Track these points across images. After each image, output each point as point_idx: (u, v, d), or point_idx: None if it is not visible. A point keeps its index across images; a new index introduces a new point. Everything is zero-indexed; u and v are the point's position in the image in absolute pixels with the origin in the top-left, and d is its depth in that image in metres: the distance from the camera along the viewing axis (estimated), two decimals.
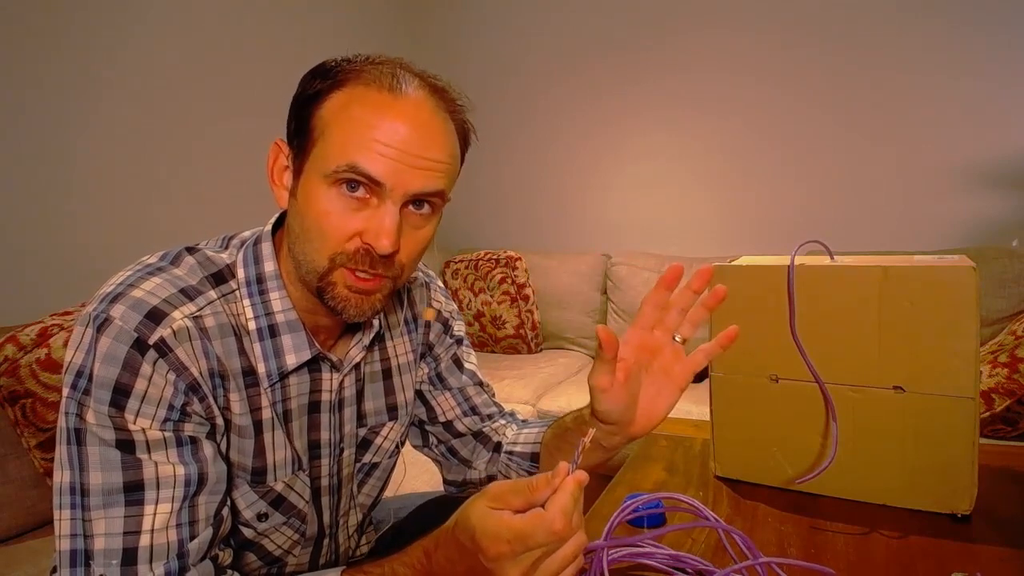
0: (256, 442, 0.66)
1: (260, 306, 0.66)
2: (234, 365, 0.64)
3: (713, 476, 0.87)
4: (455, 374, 0.88)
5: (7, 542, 1.29)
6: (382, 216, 0.60)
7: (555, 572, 0.50)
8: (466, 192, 3.05)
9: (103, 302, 0.58)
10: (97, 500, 0.55)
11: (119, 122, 1.87)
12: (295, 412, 0.70)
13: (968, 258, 0.73)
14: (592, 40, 2.72)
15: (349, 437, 0.76)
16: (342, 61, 0.63)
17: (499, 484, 0.53)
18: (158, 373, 0.57)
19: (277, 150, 0.66)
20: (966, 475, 0.72)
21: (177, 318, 0.59)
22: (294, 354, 0.67)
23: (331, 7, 2.62)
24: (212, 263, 0.66)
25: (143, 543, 0.55)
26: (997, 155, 2.08)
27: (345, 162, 0.58)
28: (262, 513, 0.69)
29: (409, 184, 0.60)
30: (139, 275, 0.60)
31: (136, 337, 0.56)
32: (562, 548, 0.50)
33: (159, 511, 0.56)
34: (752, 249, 2.05)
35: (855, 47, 2.24)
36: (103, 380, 0.55)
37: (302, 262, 0.63)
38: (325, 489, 0.76)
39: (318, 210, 0.60)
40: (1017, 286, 1.86)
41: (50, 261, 1.70)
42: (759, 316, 0.79)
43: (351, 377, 0.75)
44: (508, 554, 0.49)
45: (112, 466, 0.55)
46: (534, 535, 0.49)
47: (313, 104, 0.61)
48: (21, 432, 1.31)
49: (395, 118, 0.59)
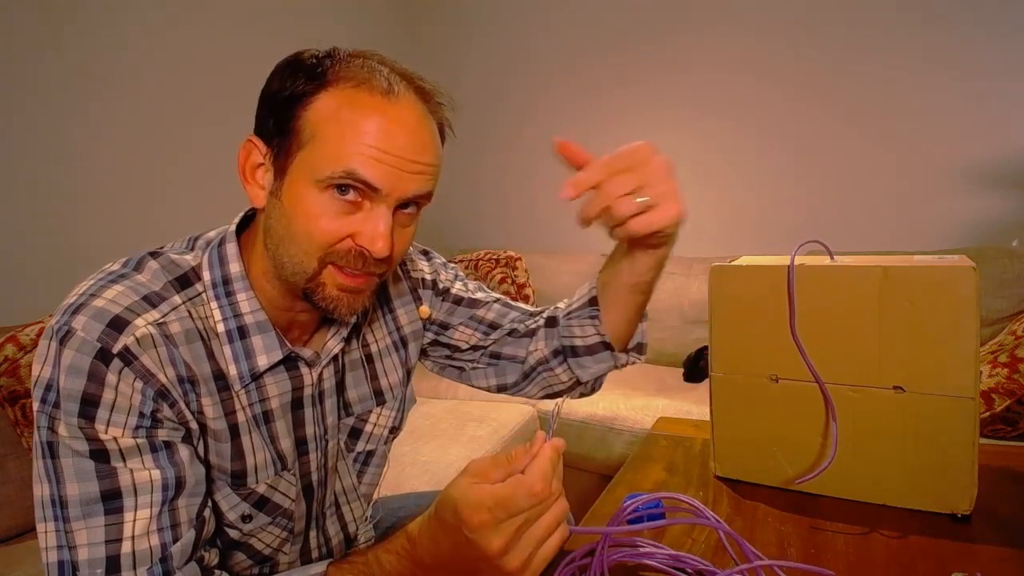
0: (233, 446, 0.66)
1: (228, 308, 0.65)
2: (204, 370, 0.63)
3: (713, 476, 0.87)
4: (456, 312, 0.86)
5: (7, 542, 1.29)
6: (376, 220, 0.60)
7: (539, 539, 0.51)
8: (466, 192, 3.08)
9: (65, 314, 0.57)
10: (76, 511, 0.55)
11: (119, 122, 1.88)
12: (277, 412, 0.69)
13: (968, 258, 0.73)
14: (592, 40, 2.72)
15: (332, 428, 0.76)
16: (324, 58, 0.62)
17: (478, 460, 0.53)
18: (124, 382, 0.56)
19: (250, 147, 0.64)
20: (966, 475, 0.72)
21: (140, 325, 0.58)
22: (265, 355, 0.66)
23: (331, 7, 2.63)
24: (176, 266, 0.64)
25: (125, 550, 0.55)
26: (997, 155, 2.08)
27: (342, 169, 0.58)
28: (246, 515, 0.68)
29: (404, 189, 0.60)
30: (100, 284, 0.59)
31: (99, 347, 0.55)
32: (544, 516, 0.51)
33: (139, 517, 0.56)
34: (752, 249, 2.05)
35: (855, 47, 2.24)
36: (70, 393, 0.55)
37: (286, 264, 0.62)
38: (316, 483, 0.75)
39: (309, 213, 0.60)
40: (1017, 286, 1.86)
41: (50, 261, 1.70)
42: (759, 316, 0.79)
43: (330, 368, 0.74)
44: (490, 522, 0.49)
45: (87, 476, 0.55)
46: (514, 499, 0.49)
47: (297, 105, 0.60)
48: (21, 432, 1.31)
49: (390, 123, 0.59)
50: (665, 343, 2.38)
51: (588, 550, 0.65)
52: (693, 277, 2.39)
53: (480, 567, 0.51)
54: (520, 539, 0.50)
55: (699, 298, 2.33)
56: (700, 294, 2.32)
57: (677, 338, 2.36)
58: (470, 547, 0.50)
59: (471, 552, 0.50)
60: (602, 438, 1.99)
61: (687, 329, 2.36)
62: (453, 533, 0.51)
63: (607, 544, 0.63)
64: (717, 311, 0.83)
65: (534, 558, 0.51)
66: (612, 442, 1.97)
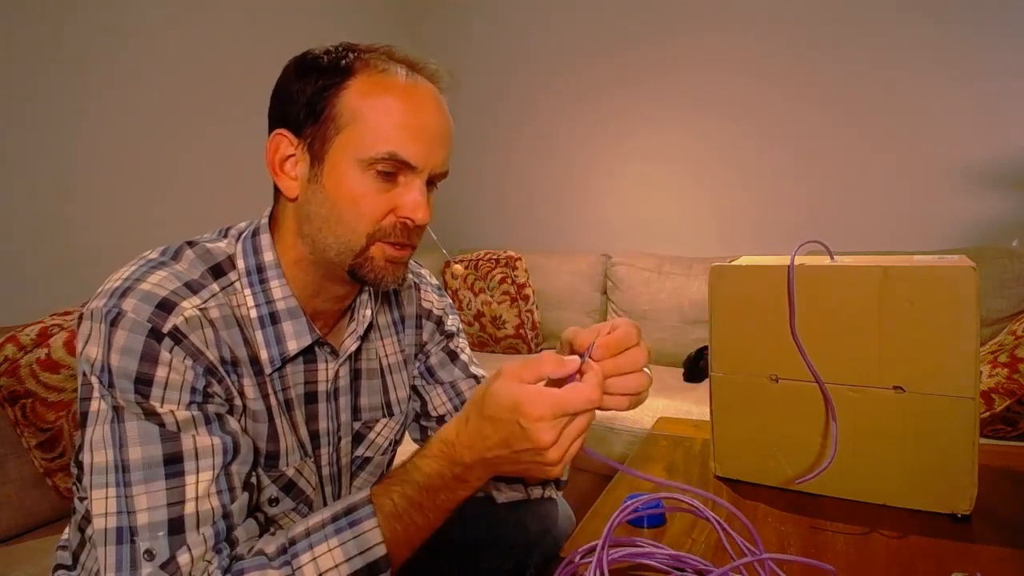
0: (269, 427, 0.68)
1: (261, 295, 0.68)
2: (242, 354, 0.66)
3: (713, 476, 0.87)
4: (447, 367, 0.88)
5: (7, 542, 1.28)
6: (414, 192, 0.65)
7: (574, 437, 0.56)
8: (466, 192, 3.07)
9: (113, 296, 0.59)
10: (138, 475, 0.56)
11: (119, 122, 1.88)
12: (295, 402, 0.72)
13: (968, 258, 0.73)
14: (592, 40, 2.72)
15: (345, 426, 0.78)
16: (345, 51, 0.66)
17: (511, 364, 0.57)
18: (176, 359, 0.59)
19: (279, 140, 0.67)
20: (966, 475, 0.72)
21: (187, 307, 0.61)
22: (295, 340, 0.69)
23: (331, 7, 2.63)
24: (211, 256, 0.67)
25: (188, 511, 0.57)
26: (997, 155, 2.08)
27: (386, 150, 0.63)
28: (273, 498, 0.70)
29: (435, 164, 0.67)
30: (144, 270, 0.62)
31: (151, 327, 0.58)
32: (580, 418, 0.56)
33: (201, 480, 0.58)
34: (752, 249, 2.06)
35: (855, 47, 2.24)
36: (124, 372, 0.57)
37: (331, 245, 0.66)
38: (327, 478, 0.77)
39: (354, 193, 0.64)
40: (1017, 286, 1.86)
41: (50, 261, 1.70)
42: (759, 316, 0.79)
43: (345, 367, 0.77)
44: (548, 416, 0.54)
45: (152, 440, 0.57)
46: (574, 401, 0.54)
47: (329, 92, 0.64)
48: (21, 432, 1.31)
49: (418, 103, 0.65)
50: (665, 343, 2.38)
51: (588, 550, 0.65)
52: (693, 277, 2.38)
53: (522, 458, 0.56)
54: (562, 435, 0.55)
55: (699, 298, 2.33)
56: (700, 294, 2.32)
57: (677, 338, 2.36)
58: (523, 438, 0.55)
59: (521, 443, 0.55)
60: (602, 438, 1.98)
61: (687, 329, 2.36)
62: (506, 425, 0.55)
63: (607, 544, 0.63)
64: (717, 311, 0.83)
65: (568, 452, 0.56)
66: (612, 442, 1.97)
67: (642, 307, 2.45)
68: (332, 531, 0.59)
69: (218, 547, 0.58)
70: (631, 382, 0.60)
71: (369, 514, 0.59)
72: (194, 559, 0.56)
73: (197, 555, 0.56)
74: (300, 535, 0.59)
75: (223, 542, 0.58)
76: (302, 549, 0.58)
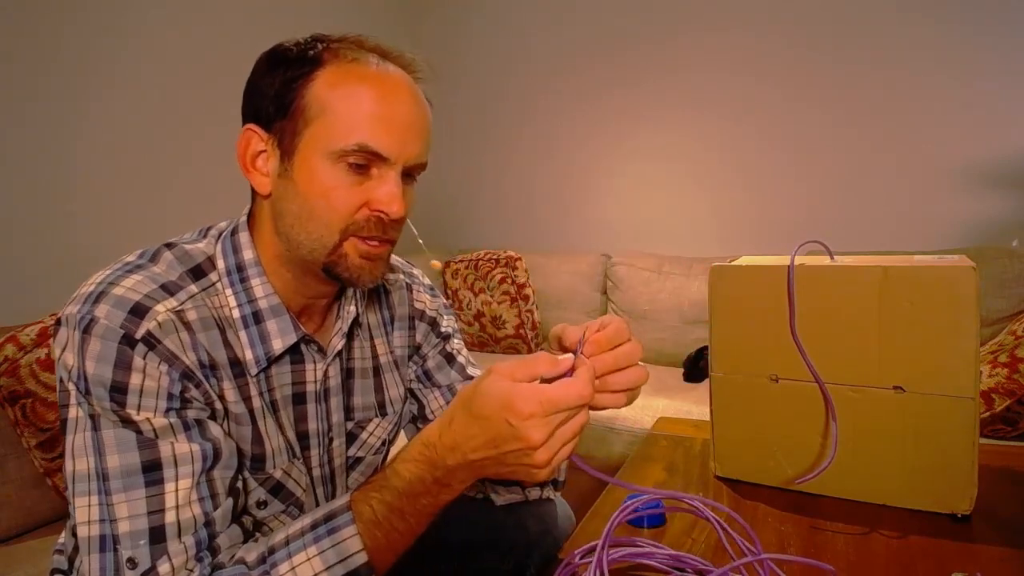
0: (253, 430, 0.67)
1: (243, 294, 0.67)
2: (221, 357, 0.64)
3: (713, 476, 0.87)
4: (444, 370, 0.87)
5: (7, 542, 1.28)
6: (389, 184, 0.63)
7: (566, 439, 0.54)
8: (466, 192, 3.07)
9: (86, 303, 0.58)
10: (117, 483, 0.56)
11: (119, 122, 1.88)
12: (281, 403, 0.71)
13: (968, 258, 0.73)
14: (592, 41, 2.72)
15: (337, 427, 0.77)
16: (313, 41, 0.65)
17: (502, 363, 0.56)
18: (151, 365, 0.57)
19: (249, 136, 0.66)
20: (966, 475, 0.72)
21: (160, 311, 0.59)
22: (280, 338, 0.68)
23: (331, 7, 2.63)
24: (190, 257, 0.66)
25: (169, 519, 0.57)
26: (997, 155, 2.08)
27: (356, 141, 0.61)
28: (261, 500, 0.69)
29: (409, 154, 0.64)
30: (118, 274, 0.61)
31: (123, 333, 0.57)
32: (574, 419, 0.54)
33: (180, 487, 0.57)
34: (752, 249, 2.05)
35: (855, 47, 2.24)
36: (99, 380, 0.56)
37: (304, 242, 0.64)
38: (319, 480, 0.76)
39: (325, 187, 0.62)
40: (1017, 286, 1.86)
41: (50, 261, 1.70)
42: (759, 316, 0.79)
43: (335, 366, 0.76)
44: (539, 414, 0.52)
45: (129, 447, 0.56)
46: (565, 399, 0.53)
47: (298, 85, 0.62)
48: (21, 432, 1.31)
49: (389, 93, 0.63)
50: (665, 343, 2.38)
51: (588, 550, 0.65)
52: (693, 277, 2.38)
53: (509, 459, 0.54)
54: (553, 436, 0.53)
55: (699, 298, 2.33)
56: (700, 294, 2.32)
57: (677, 338, 2.36)
58: (511, 438, 0.53)
59: (509, 444, 0.53)
60: (602, 438, 1.98)
61: (687, 329, 2.36)
62: (495, 424, 0.53)
63: (607, 544, 0.63)
64: (717, 311, 0.83)
65: (557, 455, 0.54)
66: (612, 442, 1.97)
67: (642, 307, 2.46)
68: (311, 539, 0.57)
69: (199, 556, 0.57)
70: (630, 377, 0.59)
71: (348, 521, 0.58)
72: (175, 568, 0.56)
73: (178, 564, 0.56)
74: (280, 543, 0.58)
75: (204, 551, 0.58)
76: (281, 558, 0.56)
